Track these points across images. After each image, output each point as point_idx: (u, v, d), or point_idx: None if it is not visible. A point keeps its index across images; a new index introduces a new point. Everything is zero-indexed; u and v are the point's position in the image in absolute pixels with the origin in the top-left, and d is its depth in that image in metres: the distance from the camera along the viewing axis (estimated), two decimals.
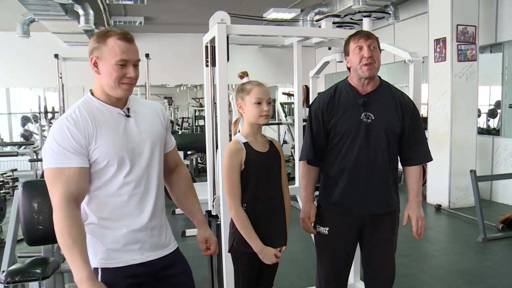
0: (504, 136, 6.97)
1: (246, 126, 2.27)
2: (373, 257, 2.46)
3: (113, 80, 1.66)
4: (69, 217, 1.57)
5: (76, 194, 1.61)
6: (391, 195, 2.39)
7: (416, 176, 2.43)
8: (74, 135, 1.62)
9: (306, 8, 8.27)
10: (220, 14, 2.88)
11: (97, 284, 1.56)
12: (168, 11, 9.14)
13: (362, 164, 2.31)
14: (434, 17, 6.76)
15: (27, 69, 10.42)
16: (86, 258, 1.57)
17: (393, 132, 2.34)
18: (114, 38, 1.64)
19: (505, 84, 7.02)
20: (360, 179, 2.33)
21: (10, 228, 3.08)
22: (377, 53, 2.32)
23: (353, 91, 2.37)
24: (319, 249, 2.51)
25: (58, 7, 6.85)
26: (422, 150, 2.42)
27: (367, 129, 2.30)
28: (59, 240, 1.57)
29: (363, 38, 2.30)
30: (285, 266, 3.96)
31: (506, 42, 6.77)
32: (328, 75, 11.19)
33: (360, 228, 2.41)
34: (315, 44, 3.74)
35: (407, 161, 2.44)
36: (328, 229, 2.42)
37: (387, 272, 2.46)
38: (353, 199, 2.36)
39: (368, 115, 2.31)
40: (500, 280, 3.92)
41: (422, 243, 5.06)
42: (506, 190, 6.71)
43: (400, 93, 2.43)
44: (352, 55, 2.33)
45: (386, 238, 2.42)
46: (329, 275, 2.48)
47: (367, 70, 2.28)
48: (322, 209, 2.47)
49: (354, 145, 2.31)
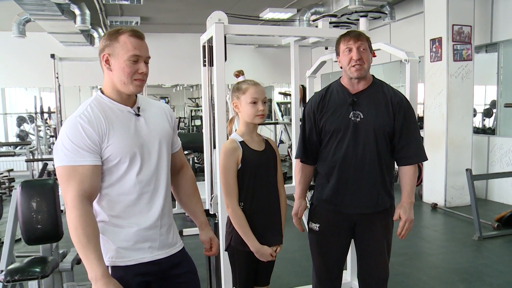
0: (500, 135, 7.00)
1: (242, 125, 2.29)
2: (365, 256, 2.47)
3: (126, 76, 1.68)
4: (84, 215, 1.58)
5: (90, 192, 1.62)
6: (381, 194, 2.38)
7: (409, 176, 2.40)
8: (88, 133, 1.62)
9: (302, 8, 8.29)
10: (217, 14, 2.90)
11: (112, 281, 1.57)
12: (164, 11, 9.14)
13: (350, 162, 2.33)
14: (430, 17, 6.79)
15: (23, 69, 10.39)
16: (100, 256, 1.58)
17: (382, 131, 2.33)
18: (126, 35, 1.68)
19: (500, 84, 7.06)
20: (349, 177, 2.35)
21: (8, 228, 3.09)
22: (367, 54, 2.33)
23: (344, 90, 2.40)
24: (311, 246, 2.54)
25: (54, 7, 6.82)
26: (415, 150, 2.40)
27: (355, 128, 2.32)
28: (73, 238, 1.57)
29: (352, 39, 2.31)
30: (282, 265, 3.98)
31: (501, 42, 6.81)
32: (325, 74, 11.21)
33: (351, 226, 2.43)
34: (311, 44, 3.76)
35: (400, 160, 2.43)
36: (319, 226, 2.45)
37: (379, 271, 2.47)
38: (343, 197, 2.38)
39: (357, 114, 2.33)
40: (495, 277, 3.95)
41: (419, 241, 5.09)
42: (501, 189, 6.75)
43: (392, 92, 2.42)
44: (342, 56, 2.36)
45: (377, 237, 2.43)
46: (320, 272, 2.51)
47: (356, 71, 2.30)
48: (314, 206, 2.51)
49: (343, 144, 2.34)
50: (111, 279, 1.58)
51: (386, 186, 2.41)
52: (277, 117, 10.37)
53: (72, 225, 1.57)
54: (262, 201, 2.26)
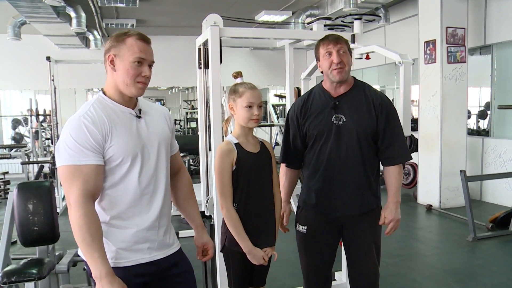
0: (494, 137, 7.05)
1: (237, 127, 2.30)
2: (353, 257, 2.49)
3: (130, 78, 1.70)
4: (88, 214, 1.59)
5: (94, 191, 1.64)
6: (366, 195, 2.40)
7: (395, 176, 2.42)
8: (92, 133, 1.64)
9: (297, 10, 8.32)
10: (213, 17, 2.92)
11: (116, 280, 1.59)
12: (160, 14, 9.15)
13: (334, 165, 2.35)
14: (424, 20, 6.83)
15: (18, 72, 10.36)
16: (104, 255, 1.59)
17: (365, 133, 2.35)
18: (133, 38, 1.71)
19: (494, 86, 7.11)
20: (333, 180, 2.37)
21: (4, 230, 3.09)
22: (347, 57, 2.34)
23: (325, 94, 2.41)
24: (299, 248, 2.56)
25: (50, 9, 6.83)
26: (399, 150, 2.40)
27: (338, 131, 2.33)
28: (77, 237, 1.58)
29: (331, 43, 2.32)
30: (278, 266, 3.99)
31: (495, 44, 6.86)
32: (320, 76, 11.23)
33: (338, 228, 2.45)
34: (306, 46, 3.79)
35: (385, 161, 2.44)
36: (306, 228, 2.46)
37: (369, 272, 2.47)
38: (329, 200, 2.39)
39: (339, 117, 2.34)
40: (489, 278, 3.97)
41: (413, 242, 5.11)
42: (495, 190, 6.79)
43: (374, 93, 2.43)
44: (322, 60, 2.37)
45: (365, 238, 2.44)
46: (308, 273, 2.53)
47: (337, 73, 2.31)
48: (301, 209, 2.53)
49: (326, 147, 2.35)
50: (116, 278, 1.59)
51: (371, 187, 2.42)
52: (272, 119, 10.39)
53: (76, 224, 1.58)
54: (257, 203, 2.27)
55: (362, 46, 3.52)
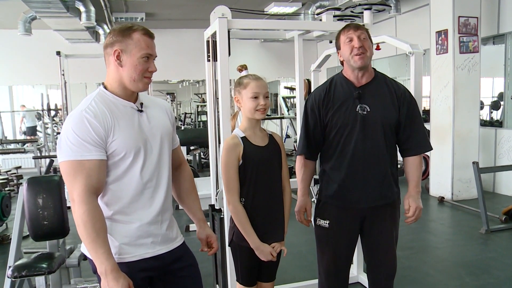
0: (507, 127, 6.95)
1: (244, 120, 2.27)
2: (374, 250, 2.46)
3: (138, 73, 1.70)
4: (92, 209, 1.58)
5: (97, 187, 1.63)
6: (391, 186, 2.39)
7: (416, 167, 2.42)
8: (94, 127, 1.62)
9: (307, 1, 8.25)
10: (221, 8, 2.89)
11: (121, 275, 1.59)
12: (169, 7, 9.14)
13: (360, 156, 2.32)
14: (435, 9, 6.73)
15: (30, 67, 10.43)
16: (109, 250, 1.59)
17: (389, 123, 2.34)
18: (139, 33, 1.70)
19: (507, 76, 7.00)
20: (358, 172, 2.33)
21: (16, 224, 3.12)
22: (368, 42, 2.33)
23: (348, 83, 2.37)
24: (320, 243, 2.51)
25: (59, 4, 6.85)
26: (420, 140, 2.40)
27: (363, 121, 2.30)
28: (82, 233, 1.58)
29: (352, 29, 2.32)
30: (288, 259, 3.98)
31: (509, 33, 6.74)
32: (330, 68, 11.16)
33: (360, 221, 2.42)
34: (316, 37, 3.75)
35: (405, 152, 2.43)
36: (329, 222, 2.41)
37: (388, 264, 2.46)
38: (352, 192, 2.36)
39: (363, 107, 2.31)
40: (503, 271, 3.93)
41: (425, 235, 5.07)
42: (509, 181, 6.71)
43: (395, 84, 2.42)
44: (343, 47, 2.35)
45: (386, 230, 2.42)
46: (329, 269, 2.48)
47: (359, 59, 2.28)
48: (322, 203, 2.47)
49: (351, 138, 2.31)
50: (121, 273, 1.59)
51: (395, 178, 2.41)
52: (283, 111, 10.36)
53: (80, 220, 1.57)
54: (264, 197, 2.24)
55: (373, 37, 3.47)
